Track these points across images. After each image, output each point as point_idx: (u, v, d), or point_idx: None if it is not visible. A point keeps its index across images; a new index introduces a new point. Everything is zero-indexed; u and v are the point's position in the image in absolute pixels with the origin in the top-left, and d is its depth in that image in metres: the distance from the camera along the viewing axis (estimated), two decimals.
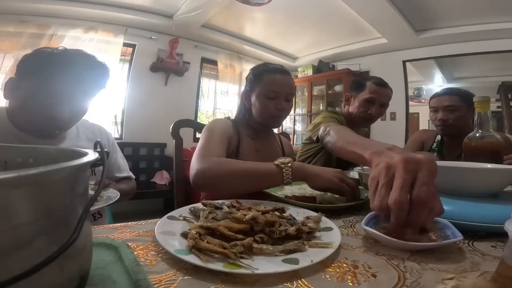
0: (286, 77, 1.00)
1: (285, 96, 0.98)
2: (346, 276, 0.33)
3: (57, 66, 0.79)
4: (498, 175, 0.55)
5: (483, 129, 0.79)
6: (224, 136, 0.92)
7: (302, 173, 0.69)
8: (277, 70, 1.00)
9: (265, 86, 0.97)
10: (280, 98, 0.97)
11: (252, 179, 0.71)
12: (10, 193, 0.16)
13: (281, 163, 0.69)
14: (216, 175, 0.72)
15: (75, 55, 0.84)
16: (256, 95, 0.99)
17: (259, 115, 1.00)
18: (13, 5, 2.49)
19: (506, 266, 0.27)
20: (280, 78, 0.98)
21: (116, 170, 1.10)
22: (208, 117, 3.95)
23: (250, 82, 1.03)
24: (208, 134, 0.91)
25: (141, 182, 3.14)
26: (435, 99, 1.42)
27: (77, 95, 0.84)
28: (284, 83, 0.98)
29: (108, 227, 0.48)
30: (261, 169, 0.71)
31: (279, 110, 0.97)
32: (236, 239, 0.38)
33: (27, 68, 0.80)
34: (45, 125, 0.84)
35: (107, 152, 0.28)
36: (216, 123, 0.99)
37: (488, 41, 2.97)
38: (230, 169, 0.72)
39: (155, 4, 2.90)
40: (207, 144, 0.86)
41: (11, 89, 0.82)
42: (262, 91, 0.98)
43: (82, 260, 0.24)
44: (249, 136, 1.02)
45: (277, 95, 0.97)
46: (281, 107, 0.97)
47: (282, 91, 0.97)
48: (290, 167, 0.68)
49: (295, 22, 3.26)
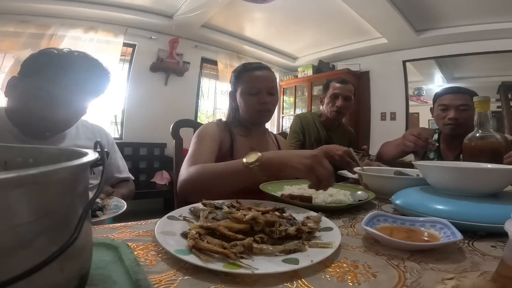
0: (264, 72, 1.03)
1: (266, 90, 1.01)
2: (346, 276, 0.33)
3: (59, 68, 0.80)
4: (498, 175, 0.55)
5: (483, 129, 0.79)
6: (213, 141, 0.94)
7: (274, 166, 0.65)
8: (255, 67, 1.04)
9: (246, 84, 1.01)
10: (262, 93, 1.00)
11: (229, 180, 0.71)
12: (10, 193, 0.16)
13: (248, 163, 0.66)
14: (194, 185, 0.74)
15: (78, 58, 0.85)
16: (239, 94, 1.03)
17: (245, 113, 1.03)
18: (13, 5, 2.49)
19: (506, 266, 0.27)
20: (259, 74, 1.02)
21: (115, 171, 1.10)
22: (208, 117, 3.95)
23: (232, 83, 1.08)
24: (196, 141, 0.93)
25: (141, 182, 3.14)
26: (447, 97, 1.34)
27: (75, 98, 0.84)
28: (263, 77, 1.02)
29: (108, 227, 0.48)
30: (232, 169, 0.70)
31: (262, 104, 1.00)
32: (236, 239, 0.38)
33: (30, 68, 0.81)
34: (41, 127, 0.84)
35: (107, 152, 0.28)
36: (204, 128, 1.00)
37: (488, 41, 2.97)
38: (209, 174, 0.74)
39: (155, 4, 2.90)
40: (193, 152, 0.89)
41: (12, 88, 0.82)
42: (244, 89, 1.02)
43: (82, 260, 0.24)
44: (242, 135, 1.04)
45: (258, 90, 1.00)
46: (264, 101, 1.00)
47: (262, 85, 1.00)
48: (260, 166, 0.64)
49: (295, 22, 3.25)
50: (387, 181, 0.79)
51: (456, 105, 1.29)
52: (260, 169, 0.65)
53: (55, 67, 0.79)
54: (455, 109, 1.29)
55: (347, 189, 0.78)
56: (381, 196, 0.76)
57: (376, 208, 0.70)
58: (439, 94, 1.40)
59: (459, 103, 1.28)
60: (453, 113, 1.29)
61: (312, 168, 0.61)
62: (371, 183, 0.80)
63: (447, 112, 1.32)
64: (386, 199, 0.72)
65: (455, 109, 1.29)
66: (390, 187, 0.72)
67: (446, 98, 1.34)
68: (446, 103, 1.33)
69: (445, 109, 1.33)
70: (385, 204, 0.73)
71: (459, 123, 1.28)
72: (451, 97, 1.32)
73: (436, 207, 0.52)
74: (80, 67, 0.83)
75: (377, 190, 0.77)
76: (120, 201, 0.77)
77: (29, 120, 0.82)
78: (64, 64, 0.81)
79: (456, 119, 1.28)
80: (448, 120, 1.31)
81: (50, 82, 0.79)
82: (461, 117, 1.28)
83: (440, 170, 0.59)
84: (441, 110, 1.35)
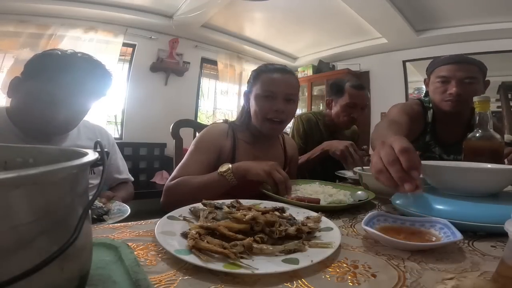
0: (285, 76, 0.94)
1: (283, 96, 0.91)
2: (346, 276, 0.33)
3: (62, 70, 0.80)
4: (498, 175, 0.55)
5: (483, 129, 0.79)
6: (208, 152, 0.91)
7: (241, 172, 0.78)
8: (275, 69, 0.95)
9: (262, 86, 0.92)
10: (277, 99, 0.90)
11: (206, 191, 0.77)
12: (10, 193, 0.16)
13: (222, 172, 0.78)
14: (174, 196, 0.82)
15: (82, 59, 0.85)
16: (253, 96, 0.95)
17: (255, 119, 0.95)
18: (13, 5, 2.48)
19: (506, 266, 0.27)
20: (278, 77, 0.92)
21: (115, 171, 1.10)
22: (208, 117, 3.95)
23: (249, 84, 0.99)
24: (192, 150, 0.92)
25: (141, 182, 3.14)
26: (448, 68, 1.06)
27: (77, 100, 0.85)
28: (282, 81, 0.92)
29: (108, 227, 0.48)
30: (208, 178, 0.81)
31: (275, 112, 0.90)
32: (236, 239, 0.38)
33: (33, 69, 0.81)
34: (43, 128, 0.84)
35: (107, 152, 0.28)
36: (204, 135, 0.96)
37: (488, 41, 2.97)
38: (188, 186, 0.81)
39: (155, 4, 2.90)
40: (183, 163, 0.90)
41: (15, 88, 0.83)
42: (259, 92, 0.93)
43: (82, 260, 0.24)
44: (246, 141, 0.98)
45: (274, 95, 0.91)
46: (278, 108, 0.90)
47: (279, 89, 0.91)
48: (232, 173, 0.78)
49: (295, 22, 3.25)
50: None
51: (459, 78, 1.03)
52: (232, 176, 0.77)
53: (58, 68, 0.80)
54: (459, 82, 1.03)
55: (347, 189, 0.78)
56: (381, 196, 0.76)
57: (376, 208, 0.70)
58: (438, 63, 1.11)
59: (464, 75, 1.03)
60: (456, 87, 1.03)
61: (269, 173, 0.74)
62: (371, 183, 0.80)
63: (447, 85, 1.06)
64: (386, 199, 0.72)
65: (459, 82, 1.03)
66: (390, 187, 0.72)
67: (446, 69, 1.07)
68: (446, 74, 1.06)
69: (446, 81, 1.07)
70: (385, 204, 0.73)
71: (462, 99, 1.02)
72: (454, 67, 1.05)
73: (436, 207, 0.52)
74: (83, 68, 0.83)
75: (377, 190, 0.77)
76: (122, 205, 0.78)
77: (32, 122, 0.83)
78: (67, 65, 0.81)
79: (459, 95, 1.02)
80: (448, 96, 1.05)
81: (52, 83, 0.79)
82: (465, 92, 1.01)
83: (440, 170, 0.59)
84: (440, 82, 1.08)
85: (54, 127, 0.84)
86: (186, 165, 0.89)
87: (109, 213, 0.70)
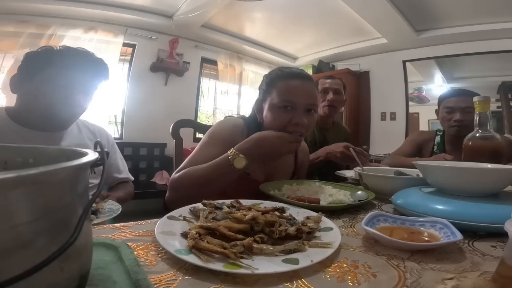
0: (305, 84, 0.82)
1: (305, 107, 0.81)
2: (346, 276, 0.33)
3: (58, 63, 0.85)
4: (498, 175, 0.55)
5: (483, 129, 0.79)
6: (223, 143, 0.81)
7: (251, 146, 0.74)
8: (294, 75, 0.83)
9: (279, 95, 0.80)
10: (297, 110, 0.80)
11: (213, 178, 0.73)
12: (10, 193, 0.16)
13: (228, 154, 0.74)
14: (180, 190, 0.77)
15: (75, 51, 0.91)
16: (268, 107, 0.83)
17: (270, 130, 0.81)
18: (13, 5, 2.48)
19: (506, 266, 0.27)
20: (298, 85, 0.81)
21: (115, 171, 1.10)
22: (208, 117, 3.95)
23: (262, 91, 0.87)
24: (203, 143, 0.86)
25: (141, 182, 3.14)
26: (452, 100, 1.41)
27: (79, 88, 0.89)
28: (303, 90, 0.81)
29: (108, 227, 0.48)
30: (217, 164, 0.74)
31: (295, 125, 0.79)
32: (236, 239, 0.38)
33: (30, 65, 0.85)
34: (48, 120, 0.88)
35: (107, 152, 0.28)
36: (219, 128, 0.89)
37: (488, 41, 2.97)
38: (193, 177, 0.75)
39: (155, 4, 2.90)
40: (194, 154, 0.84)
41: (17, 84, 0.87)
42: (275, 101, 0.81)
43: (82, 260, 0.24)
44: None
45: (294, 106, 0.80)
46: (298, 121, 0.79)
47: (300, 100, 0.80)
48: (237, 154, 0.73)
49: (295, 22, 3.25)
50: (387, 181, 0.79)
51: (461, 108, 1.35)
52: (243, 156, 0.72)
53: (55, 62, 0.85)
54: (461, 112, 1.35)
55: (347, 189, 0.78)
56: (381, 196, 0.76)
57: (376, 208, 0.70)
58: (444, 97, 1.46)
59: (464, 106, 1.34)
60: (459, 115, 1.35)
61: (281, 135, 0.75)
62: (371, 183, 0.80)
63: (452, 114, 1.39)
64: (386, 199, 0.72)
65: (461, 111, 1.35)
66: (390, 187, 0.72)
67: (451, 101, 1.41)
68: (451, 105, 1.40)
69: (451, 111, 1.40)
70: (385, 204, 0.73)
71: (464, 125, 1.34)
72: (456, 99, 1.39)
73: (436, 207, 0.52)
74: (78, 59, 0.89)
75: (377, 190, 0.77)
76: (115, 204, 0.77)
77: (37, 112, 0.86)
78: (63, 58, 0.87)
79: (462, 121, 1.34)
80: (453, 122, 1.37)
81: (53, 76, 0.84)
82: (466, 119, 1.33)
83: (440, 170, 0.59)
84: (447, 112, 1.41)
85: (61, 113, 0.88)
86: (194, 157, 0.82)
87: (97, 213, 0.69)
